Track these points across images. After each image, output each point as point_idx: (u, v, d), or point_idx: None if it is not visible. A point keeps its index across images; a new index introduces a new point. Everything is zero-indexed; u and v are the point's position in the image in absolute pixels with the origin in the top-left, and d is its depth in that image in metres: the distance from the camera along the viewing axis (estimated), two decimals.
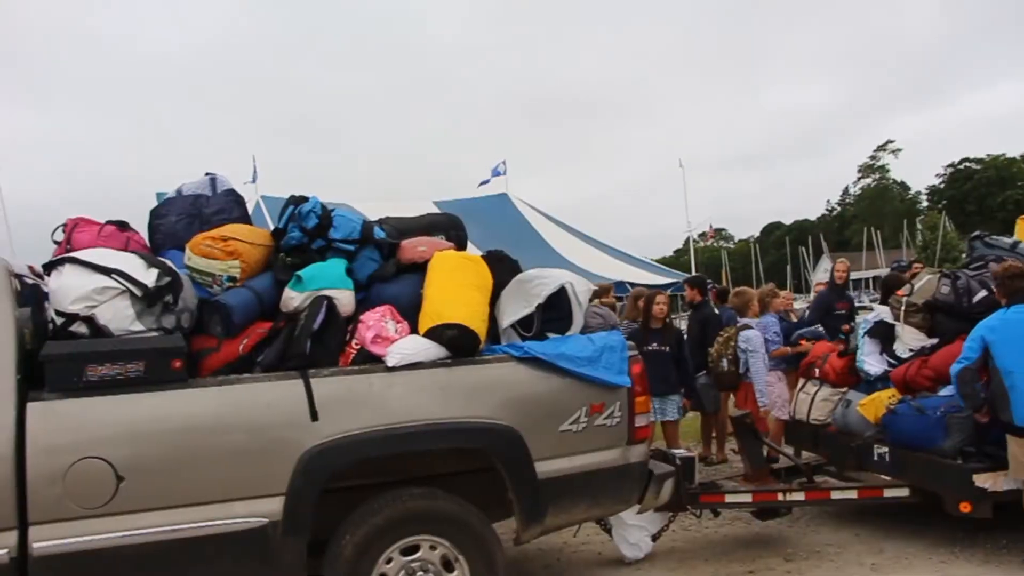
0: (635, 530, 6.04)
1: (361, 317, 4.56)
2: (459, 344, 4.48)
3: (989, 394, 5.63)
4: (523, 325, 4.80)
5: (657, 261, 32.48)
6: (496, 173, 22.74)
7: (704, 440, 9.56)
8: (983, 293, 6.47)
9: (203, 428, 3.99)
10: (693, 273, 24.51)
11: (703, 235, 78.48)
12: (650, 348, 7.79)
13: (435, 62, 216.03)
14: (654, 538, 6.17)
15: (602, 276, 14.74)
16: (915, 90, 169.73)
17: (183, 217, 5.16)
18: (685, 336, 9.18)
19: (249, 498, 4.02)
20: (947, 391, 6.23)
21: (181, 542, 3.88)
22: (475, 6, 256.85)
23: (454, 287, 4.70)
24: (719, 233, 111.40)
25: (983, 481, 5.62)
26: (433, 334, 4.47)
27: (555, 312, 4.86)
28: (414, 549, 4.34)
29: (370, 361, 4.40)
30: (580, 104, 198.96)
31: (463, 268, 4.86)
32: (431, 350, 4.44)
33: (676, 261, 75.32)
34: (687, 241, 51.55)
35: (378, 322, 4.51)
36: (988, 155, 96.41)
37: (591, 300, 5.69)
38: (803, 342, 8.44)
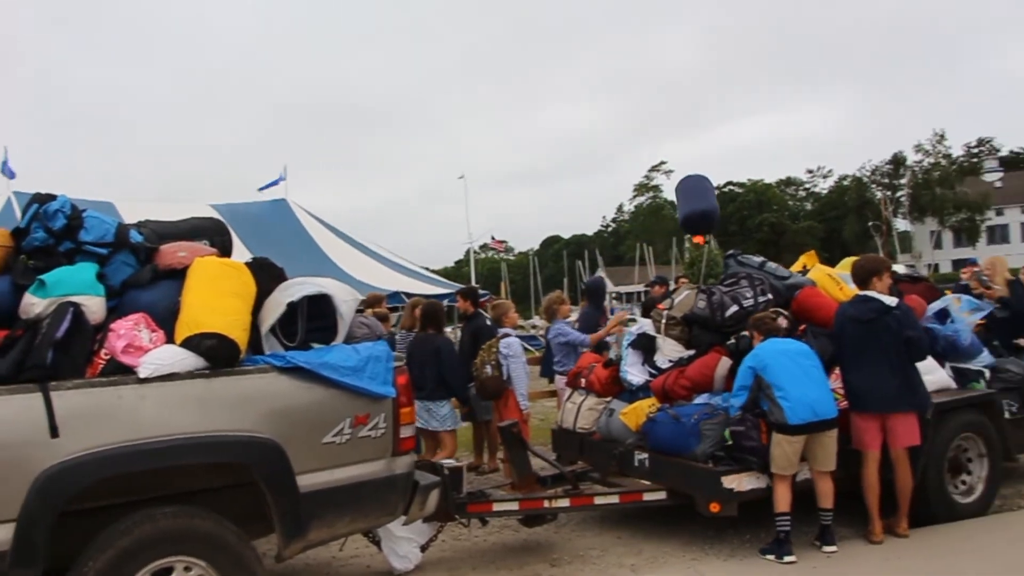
0: (404, 542, 6.00)
1: (111, 325, 4.28)
2: (217, 354, 4.29)
3: (763, 403, 6.07)
4: (286, 335, 4.67)
5: (438, 272, 32.67)
6: (279, 178, 22.16)
7: (476, 449, 9.66)
8: (734, 308, 6.90)
9: None
10: (473, 284, 24.80)
11: (484, 246, 79.82)
12: None
13: (220, 60, 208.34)
14: (423, 548, 6.15)
15: (377, 287, 14.66)
16: (687, 116, 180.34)
17: None
18: (457, 347, 9.31)
19: None
20: (701, 399, 6.60)
21: None
22: (259, 5, 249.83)
23: (214, 295, 4.50)
24: (503, 244, 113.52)
25: (730, 483, 6.00)
26: (190, 344, 4.26)
27: (320, 322, 4.77)
28: (167, 572, 4.11)
29: (121, 372, 4.12)
30: (365, 112, 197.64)
31: (224, 275, 4.66)
32: (187, 360, 4.23)
33: (457, 272, 76.22)
34: (468, 252, 52.28)
35: (130, 331, 4.25)
36: (749, 180, 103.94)
37: (362, 310, 5.64)
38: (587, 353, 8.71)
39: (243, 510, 4.54)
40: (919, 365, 6.40)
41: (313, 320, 4.75)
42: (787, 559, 5.80)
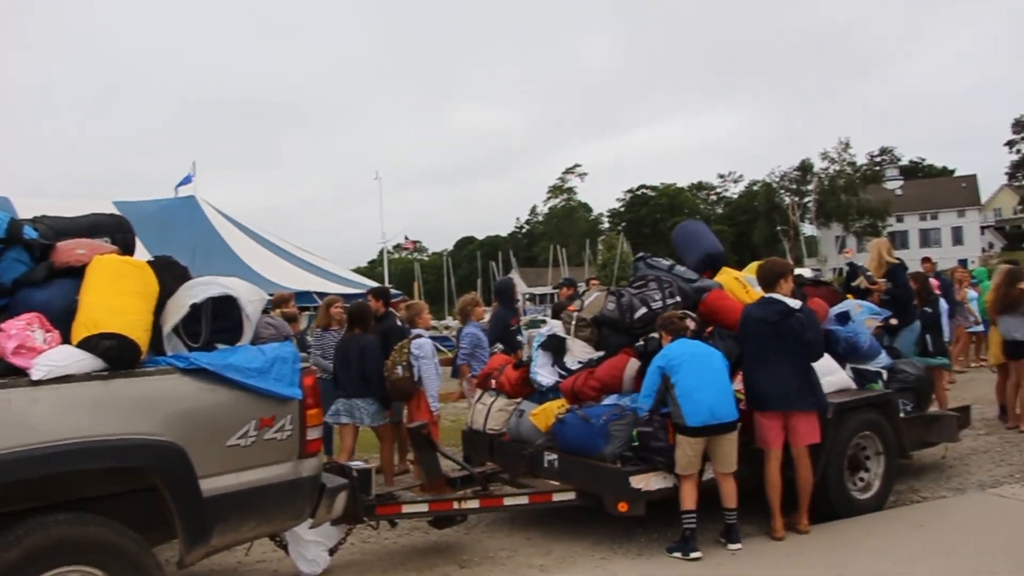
0: (312, 545, 5.91)
1: (2, 325, 4.11)
2: (117, 355, 4.15)
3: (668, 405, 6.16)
4: (190, 336, 4.55)
5: (351, 271, 32.24)
6: (189, 175, 21.68)
7: None
8: (643, 310, 6.98)
9: None
10: (386, 284, 24.61)
11: (398, 247, 79.50)
12: None
13: (121, 55, 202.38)
14: (331, 552, 6.06)
15: (287, 286, 14.44)
16: (601, 119, 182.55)
17: None
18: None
19: None
20: (610, 400, 6.66)
21: None
22: None
23: (114, 294, 4.35)
24: (416, 244, 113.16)
25: (638, 482, 6.07)
26: (88, 344, 4.11)
27: (225, 322, 4.66)
28: None
29: (12, 374, 3.94)
30: (278, 108, 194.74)
31: (125, 274, 4.51)
32: (85, 362, 4.08)
33: (370, 272, 75.67)
34: (381, 252, 52.01)
35: (22, 331, 4.08)
36: (662, 184, 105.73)
37: (271, 310, 5.54)
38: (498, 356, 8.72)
39: (144, 516, 4.42)
40: (822, 366, 6.61)
41: (218, 320, 4.64)
42: (693, 555, 5.90)
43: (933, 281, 13.39)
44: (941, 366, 9.67)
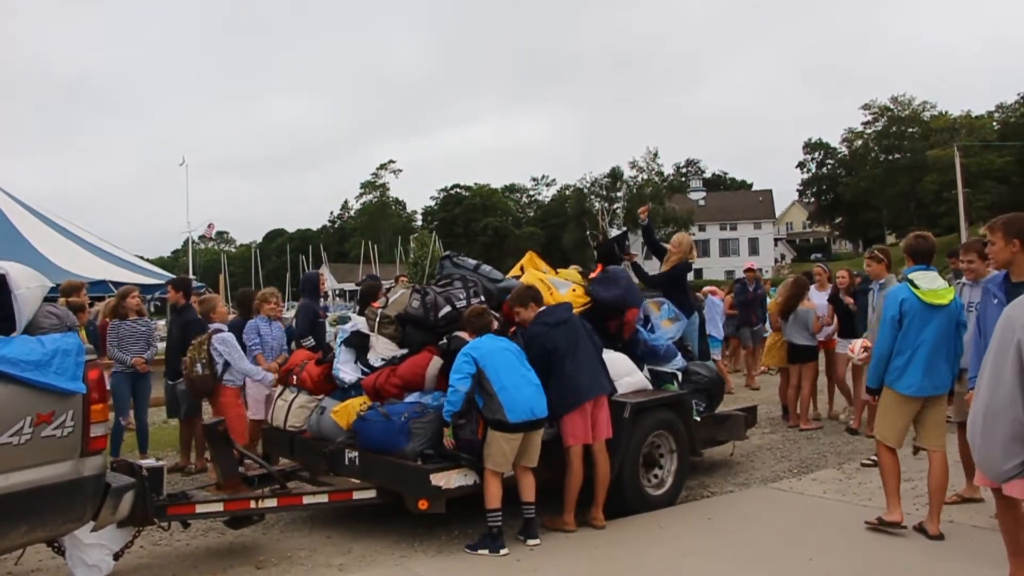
0: (94, 550, 5.54)
1: None
2: None
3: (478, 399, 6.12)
4: None
5: (154, 261, 30.85)
6: None
7: (183, 448, 9.22)
8: (447, 308, 7.00)
9: None
10: (189, 275, 23.70)
11: (203, 237, 76.77)
12: None
13: None
14: (117, 556, 5.73)
15: (80, 274, 13.63)
16: (416, 118, 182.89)
17: None
18: (164, 340, 8.93)
19: None
20: (412, 398, 6.64)
21: None
22: None
23: None
24: (221, 236, 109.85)
25: (438, 480, 6.06)
26: None
27: None
28: None
29: None
30: (70, 85, 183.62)
31: None
32: None
33: (174, 262, 72.82)
34: (187, 242, 50.12)
35: None
36: (476, 184, 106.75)
37: (57, 298, 5.19)
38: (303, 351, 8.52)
39: None
40: (621, 367, 6.95)
41: None
42: (502, 552, 5.93)
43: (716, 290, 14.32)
44: None
